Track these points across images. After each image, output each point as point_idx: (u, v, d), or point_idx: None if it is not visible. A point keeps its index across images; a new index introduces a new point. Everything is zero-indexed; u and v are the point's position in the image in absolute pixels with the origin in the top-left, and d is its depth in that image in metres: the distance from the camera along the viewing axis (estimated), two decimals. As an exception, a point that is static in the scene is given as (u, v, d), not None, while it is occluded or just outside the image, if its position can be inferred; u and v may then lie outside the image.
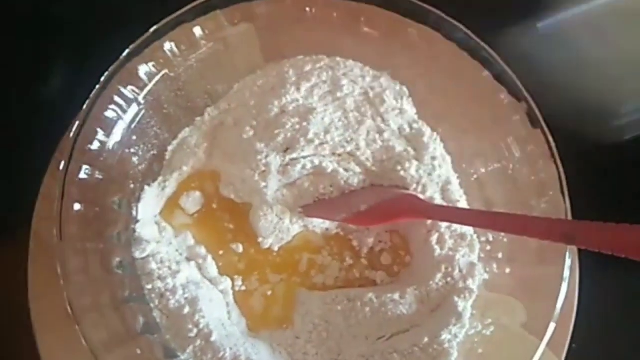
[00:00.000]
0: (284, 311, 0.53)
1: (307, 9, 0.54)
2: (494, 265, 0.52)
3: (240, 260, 0.54)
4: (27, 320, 0.49)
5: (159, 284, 0.48)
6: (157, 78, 0.51)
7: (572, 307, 0.56)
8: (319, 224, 0.55)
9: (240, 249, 0.54)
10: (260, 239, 0.53)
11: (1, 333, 0.52)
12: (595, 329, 0.58)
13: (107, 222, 0.48)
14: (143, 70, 0.51)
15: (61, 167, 0.45)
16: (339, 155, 0.55)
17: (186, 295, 0.48)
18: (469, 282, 0.51)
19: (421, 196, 0.54)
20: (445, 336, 0.49)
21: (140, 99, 0.51)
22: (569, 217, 0.48)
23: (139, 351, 0.43)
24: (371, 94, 0.57)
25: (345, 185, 0.55)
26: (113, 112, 0.49)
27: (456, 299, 0.51)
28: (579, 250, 0.57)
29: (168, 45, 0.51)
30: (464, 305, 0.50)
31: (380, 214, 0.53)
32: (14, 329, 0.50)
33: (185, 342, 0.47)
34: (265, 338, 0.51)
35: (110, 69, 0.47)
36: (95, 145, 0.48)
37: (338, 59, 0.57)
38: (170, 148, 0.54)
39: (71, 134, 0.46)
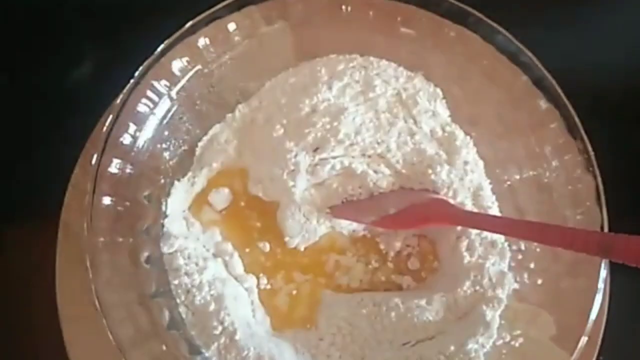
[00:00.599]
0: (308, 311, 0.52)
1: (343, 7, 0.53)
2: (525, 275, 0.51)
3: (266, 259, 0.53)
4: (53, 310, 0.50)
5: (186, 279, 0.48)
6: (190, 74, 0.51)
7: (602, 320, 0.54)
8: (346, 225, 0.54)
9: (267, 247, 0.54)
10: (286, 238, 0.53)
11: (27, 322, 0.53)
12: (624, 342, 0.56)
13: (136, 217, 0.48)
14: (176, 65, 0.51)
15: (93, 161, 0.45)
16: (369, 156, 0.54)
17: (212, 292, 0.48)
18: (498, 291, 0.50)
19: (452, 201, 0.53)
20: (471, 345, 0.48)
21: (173, 94, 0.51)
22: (606, 229, 0.47)
23: (164, 347, 0.44)
24: (404, 95, 0.56)
25: (374, 187, 0.54)
26: (145, 106, 0.49)
27: (484, 307, 0.50)
28: (610, 263, 0.55)
29: (202, 41, 0.51)
30: (492, 314, 0.49)
31: (409, 218, 0.52)
32: (40, 318, 0.51)
33: (210, 339, 0.47)
34: (289, 338, 0.51)
35: (145, 63, 0.47)
36: (126, 140, 0.48)
37: (371, 58, 0.57)
38: (200, 144, 0.54)
39: (104, 128, 0.46)
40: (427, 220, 0.52)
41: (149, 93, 0.49)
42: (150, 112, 0.50)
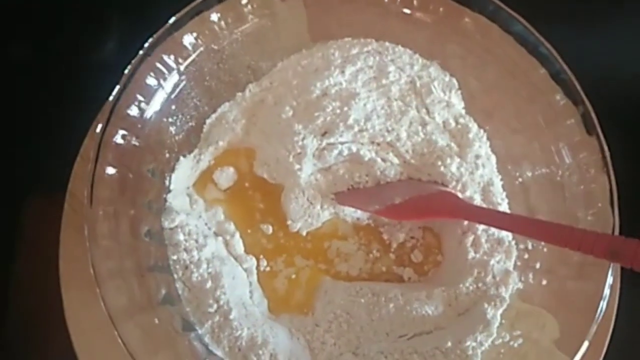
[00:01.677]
0: (306, 296, 0.52)
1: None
2: (530, 275, 0.49)
3: (268, 241, 0.53)
4: (55, 278, 0.50)
5: (184, 255, 0.48)
6: (200, 49, 0.51)
7: (609, 327, 0.52)
8: (350, 213, 0.54)
9: (270, 230, 0.53)
10: (289, 222, 0.52)
11: (30, 287, 0.54)
12: (630, 350, 0.55)
13: (139, 189, 0.48)
14: (187, 40, 0.50)
15: (97, 129, 0.45)
16: (378, 144, 0.53)
17: (210, 270, 0.48)
18: (502, 289, 0.49)
19: (460, 195, 0.51)
20: (469, 343, 0.47)
21: (182, 68, 0.50)
22: (617, 232, 0.45)
23: (156, 320, 0.43)
24: (418, 84, 0.55)
25: (381, 175, 0.53)
26: (154, 79, 0.49)
27: (486, 305, 0.48)
28: (621, 269, 0.53)
29: (214, 17, 0.50)
30: (494, 313, 0.48)
31: (414, 209, 0.51)
32: (42, 285, 0.51)
33: (204, 316, 0.46)
34: (285, 322, 0.50)
35: (154, 36, 0.47)
36: (133, 111, 0.48)
37: (387, 43, 0.55)
38: (208, 121, 0.54)
39: (110, 98, 0.45)
40: (432, 212, 0.51)
41: (159, 66, 0.49)
42: (158, 86, 0.50)
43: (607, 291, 0.44)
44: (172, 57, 0.50)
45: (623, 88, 0.58)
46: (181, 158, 0.51)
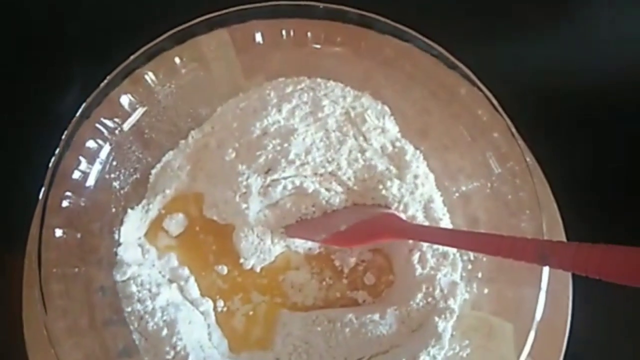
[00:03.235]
0: (265, 332, 0.53)
1: (283, 31, 0.55)
2: (474, 285, 0.51)
3: (224, 282, 0.54)
4: (21, 342, 0.51)
5: (139, 306, 0.49)
6: (137, 106, 0.53)
7: (565, 325, 0.54)
8: (301, 244, 0.55)
9: (225, 270, 0.54)
10: (242, 260, 0.54)
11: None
12: (589, 348, 0.56)
13: (89, 247, 0.50)
14: (123, 99, 0.52)
15: (40, 195, 0.46)
16: (321, 175, 0.55)
17: (165, 318, 0.49)
18: (450, 301, 0.51)
19: (402, 215, 0.53)
20: (423, 357, 0.48)
21: (121, 127, 0.52)
22: (546, 236, 0.47)
23: (114, 374, 0.44)
24: (352, 114, 0.57)
25: (326, 205, 0.55)
26: (93, 140, 0.50)
27: (437, 319, 0.50)
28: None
29: (147, 74, 0.53)
30: (444, 325, 0.50)
31: (358, 234, 0.53)
32: (9, 349, 0.52)
33: (163, 364, 0.47)
34: (246, 359, 0.51)
35: (88, 99, 0.49)
36: (76, 173, 0.49)
37: (319, 79, 0.58)
38: (153, 171, 0.55)
39: (50, 163, 0.47)
40: (377, 235, 0.53)
41: (97, 126, 0.51)
42: (99, 146, 0.51)
43: (542, 295, 0.45)
44: (110, 117, 0.52)
45: (544, 97, 0.61)
46: (129, 210, 0.53)
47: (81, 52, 0.62)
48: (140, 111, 0.52)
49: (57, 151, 0.48)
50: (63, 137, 0.48)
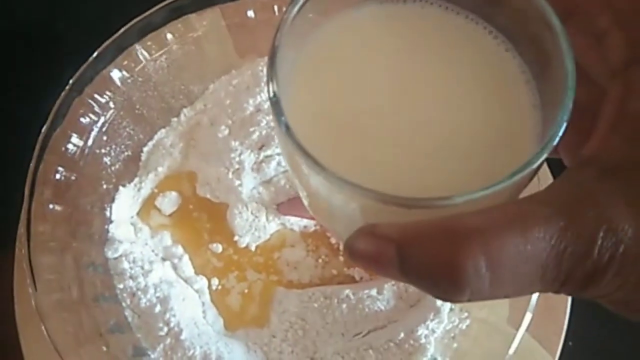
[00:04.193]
0: (260, 309, 0.52)
1: (275, 7, 0.54)
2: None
3: (218, 260, 0.53)
4: (12, 321, 0.50)
5: (131, 283, 0.48)
6: (128, 81, 0.52)
7: (566, 302, 0.53)
8: (297, 222, 0.54)
9: (219, 248, 0.53)
10: (236, 238, 0.53)
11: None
12: (591, 326, 0.55)
13: (79, 223, 0.49)
14: (114, 74, 0.51)
15: (30, 168, 0.46)
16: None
17: (158, 294, 0.48)
18: (448, 275, 0.50)
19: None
20: (422, 331, 0.47)
21: (112, 102, 0.52)
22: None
23: (104, 348, 0.43)
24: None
25: (322, 180, 0.54)
26: (84, 115, 0.50)
27: (435, 293, 0.49)
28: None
29: (138, 49, 0.52)
30: (443, 299, 0.49)
31: None
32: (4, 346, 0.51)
33: (156, 340, 0.47)
34: (241, 336, 0.50)
35: (77, 73, 0.48)
36: (66, 147, 0.48)
37: (312, 54, 0.57)
38: (145, 149, 0.55)
39: (40, 136, 0.46)
40: None
41: (88, 101, 0.50)
42: (91, 120, 0.51)
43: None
44: (101, 91, 0.51)
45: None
46: (121, 188, 0.52)
47: (69, 28, 0.61)
48: (131, 86, 0.52)
49: (45, 124, 0.47)
50: (52, 111, 0.47)
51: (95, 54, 0.49)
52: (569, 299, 0.54)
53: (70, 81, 0.48)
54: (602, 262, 0.18)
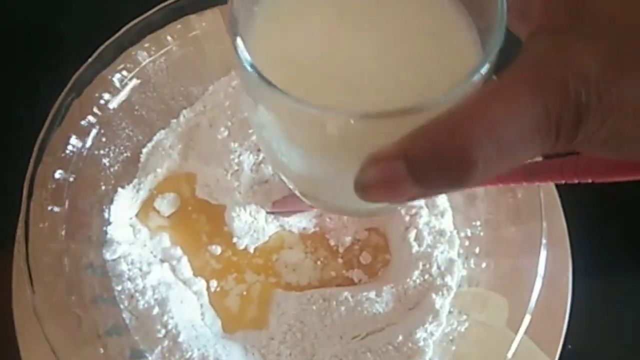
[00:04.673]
0: (259, 311, 0.52)
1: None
2: (472, 261, 0.50)
3: (217, 262, 0.53)
4: (10, 322, 0.50)
5: (129, 284, 0.48)
6: (127, 82, 0.52)
7: (565, 305, 0.53)
8: (296, 223, 0.54)
9: (218, 250, 0.53)
10: (235, 240, 0.53)
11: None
12: (591, 329, 0.55)
13: (78, 224, 0.49)
14: (114, 75, 0.51)
15: (29, 169, 0.46)
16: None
17: (156, 296, 0.48)
18: (447, 278, 0.50)
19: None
20: (420, 334, 0.47)
21: (112, 104, 0.51)
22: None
23: (102, 350, 0.43)
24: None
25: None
26: (83, 116, 0.50)
27: (434, 296, 0.49)
28: (572, 250, 0.55)
29: (137, 50, 0.52)
30: (442, 302, 0.49)
31: None
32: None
33: (153, 342, 0.46)
34: (239, 339, 0.50)
35: (77, 74, 0.48)
36: (65, 148, 0.48)
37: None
38: (145, 150, 0.54)
39: (39, 138, 0.46)
40: None
41: (87, 101, 0.50)
42: (89, 122, 0.50)
43: (542, 265, 0.45)
44: (101, 93, 0.51)
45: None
46: (119, 189, 0.52)
47: (69, 28, 0.61)
48: (130, 87, 0.52)
49: (44, 127, 0.47)
50: (51, 112, 0.47)
51: (94, 55, 0.49)
52: (569, 301, 0.54)
53: (70, 82, 0.48)
54: (580, 101, 0.20)
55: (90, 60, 0.48)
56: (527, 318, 0.43)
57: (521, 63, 0.21)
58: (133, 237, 0.52)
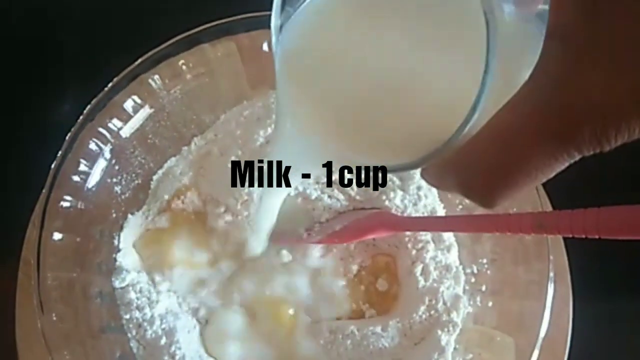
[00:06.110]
0: (265, 342, 0.52)
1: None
2: (478, 298, 0.51)
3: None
4: (13, 349, 0.50)
5: (137, 313, 0.48)
6: (141, 110, 0.52)
7: (566, 340, 0.54)
8: (311, 258, 0.55)
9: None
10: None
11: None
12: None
13: (88, 252, 0.49)
14: (128, 103, 0.52)
15: (41, 197, 0.46)
16: (324, 182, 0.55)
17: (163, 326, 0.48)
18: (453, 315, 0.50)
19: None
20: (425, 371, 0.47)
21: (124, 131, 0.52)
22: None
23: (111, 382, 0.43)
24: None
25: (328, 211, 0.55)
26: (96, 144, 0.50)
27: (439, 332, 0.49)
28: (572, 284, 0.55)
29: (153, 79, 0.52)
30: (447, 339, 0.49)
31: (353, 231, 0.53)
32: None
33: (161, 373, 0.46)
34: (245, 370, 0.50)
35: (93, 101, 0.48)
36: (77, 176, 0.49)
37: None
38: (155, 177, 0.55)
39: (52, 165, 0.47)
40: (370, 230, 0.52)
41: (101, 130, 0.50)
42: (101, 150, 0.51)
43: (548, 303, 0.45)
44: (113, 120, 0.51)
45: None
46: (129, 216, 0.52)
47: (83, 57, 0.62)
48: (144, 116, 0.52)
49: (59, 153, 0.47)
50: (66, 139, 0.47)
51: (110, 84, 0.49)
52: (569, 337, 0.54)
53: (85, 111, 0.48)
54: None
55: (106, 89, 0.49)
56: (535, 358, 0.43)
57: (536, 89, 0.22)
58: (140, 265, 0.52)
